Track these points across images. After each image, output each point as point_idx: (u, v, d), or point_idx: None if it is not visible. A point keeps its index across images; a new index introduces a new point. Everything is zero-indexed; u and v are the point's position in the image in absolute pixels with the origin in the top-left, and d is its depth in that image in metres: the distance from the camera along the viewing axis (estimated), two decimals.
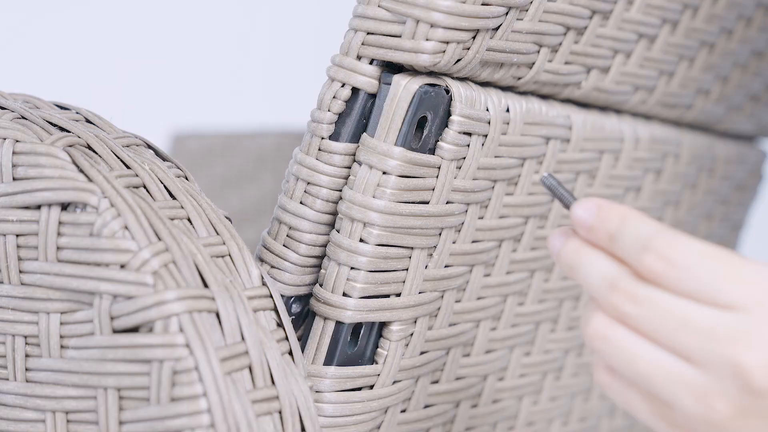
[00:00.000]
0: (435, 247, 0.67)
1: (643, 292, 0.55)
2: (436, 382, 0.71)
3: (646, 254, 0.55)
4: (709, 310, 0.54)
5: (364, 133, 0.64)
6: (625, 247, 0.56)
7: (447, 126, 0.65)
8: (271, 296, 0.62)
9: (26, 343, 0.61)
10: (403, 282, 0.66)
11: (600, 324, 0.56)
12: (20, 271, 0.61)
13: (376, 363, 0.67)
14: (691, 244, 0.55)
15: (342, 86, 0.64)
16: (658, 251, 0.55)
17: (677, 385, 0.54)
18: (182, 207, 0.62)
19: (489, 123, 0.67)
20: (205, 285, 0.59)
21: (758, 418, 0.54)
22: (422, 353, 0.69)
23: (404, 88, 0.63)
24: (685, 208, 0.87)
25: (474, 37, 0.64)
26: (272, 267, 0.66)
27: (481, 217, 0.70)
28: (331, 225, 0.65)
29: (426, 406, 0.71)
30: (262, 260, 0.66)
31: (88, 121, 0.65)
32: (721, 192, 0.91)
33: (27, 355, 0.61)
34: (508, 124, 0.68)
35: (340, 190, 0.65)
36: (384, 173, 0.64)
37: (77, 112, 0.65)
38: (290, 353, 0.62)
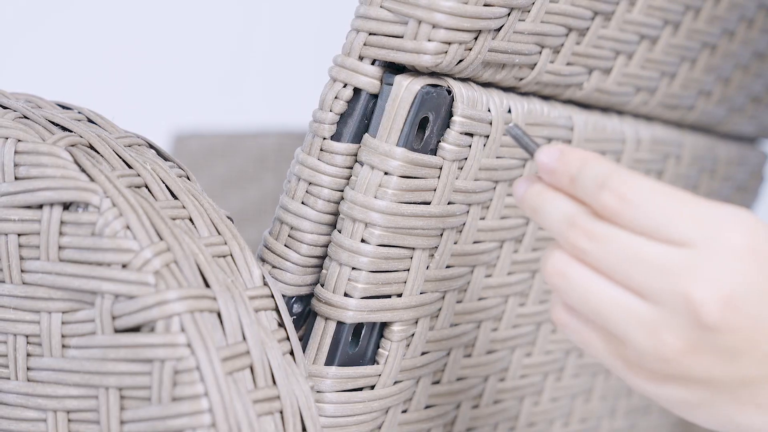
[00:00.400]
0: (436, 247, 0.67)
1: (600, 228, 0.56)
2: (437, 382, 0.71)
3: (603, 192, 0.56)
4: (661, 246, 0.55)
5: (366, 134, 0.64)
6: (585, 187, 0.57)
7: (449, 126, 0.65)
8: (272, 296, 0.62)
9: (28, 343, 0.61)
10: (405, 282, 0.66)
11: (558, 261, 0.57)
12: (22, 271, 0.61)
13: (377, 363, 0.67)
14: (645, 182, 0.56)
15: (344, 86, 0.64)
16: (613, 189, 0.56)
17: (630, 320, 0.55)
18: (184, 207, 0.62)
19: (491, 124, 0.67)
20: (207, 285, 0.59)
21: (708, 353, 0.55)
22: (423, 354, 0.69)
23: (406, 88, 0.63)
24: None
25: (476, 38, 0.64)
26: (274, 267, 0.66)
27: (482, 218, 0.70)
28: (333, 225, 0.65)
29: (427, 407, 0.71)
30: (263, 260, 0.66)
31: (90, 120, 0.65)
32: (723, 193, 0.91)
33: (28, 355, 0.61)
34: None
35: (342, 191, 0.65)
36: (386, 174, 0.64)
37: (79, 112, 0.65)
38: (291, 353, 0.62)
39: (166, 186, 0.62)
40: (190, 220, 0.62)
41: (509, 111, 0.68)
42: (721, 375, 0.56)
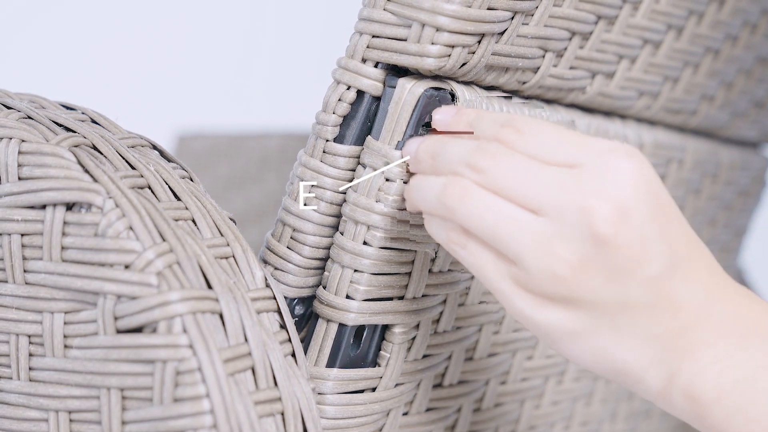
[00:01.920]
0: (438, 250, 0.67)
1: (500, 149, 0.59)
2: (439, 385, 0.71)
3: (502, 128, 0.59)
4: (557, 167, 0.58)
5: (369, 136, 0.64)
6: (483, 129, 0.60)
7: None
8: (274, 298, 0.62)
9: (30, 343, 0.62)
10: (406, 285, 0.66)
11: (458, 186, 0.59)
12: (24, 271, 0.61)
13: (379, 365, 0.67)
14: (540, 120, 0.60)
15: (347, 89, 0.64)
16: (512, 124, 0.59)
17: (525, 235, 0.57)
18: (187, 208, 0.62)
19: None
20: (209, 286, 0.59)
21: (596, 271, 0.57)
22: (425, 356, 0.69)
23: (409, 91, 0.63)
24: (689, 213, 0.87)
25: (479, 42, 0.64)
26: (276, 269, 0.66)
27: None
28: (335, 227, 0.65)
29: (428, 410, 0.71)
30: (265, 262, 0.66)
31: (93, 121, 0.65)
32: (725, 198, 0.91)
33: (30, 355, 0.62)
34: None
35: (344, 193, 0.65)
36: (387, 180, 0.64)
37: (83, 113, 0.66)
38: (293, 355, 0.62)
39: (169, 187, 0.62)
40: (193, 221, 0.62)
41: None
42: (606, 297, 0.57)
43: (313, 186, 0.65)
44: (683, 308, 0.59)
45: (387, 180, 0.64)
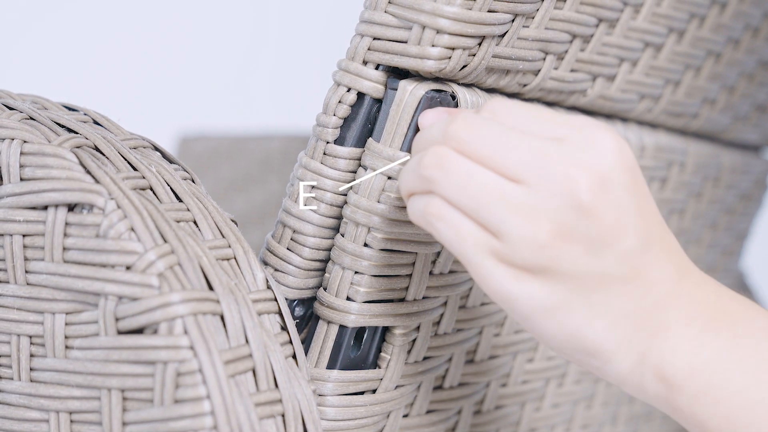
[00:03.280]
0: (439, 252, 0.67)
1: (481, 120, 0.59)
2: (439, 387, 0.72)
3: (481, 110, 0.60)
4: (539, 139, 0.58)
5: (370, 138, 0.65)
6: (465, 113, 0.61)
7: None
8: (275, 299, 0.62)
9: (31, 343, 0.62)
10: (407, 287, 0.66)
11: (438, 154, 0.59)
12: (26, 271, 0.61)
13: (379, 367, 0.67)
14: (521, 101, 0.61)
15: (347, 91, 0.64)
16: (492, 103, 0.60)
17: (508, 205, 0.58)
18: (188, 209, 0.62)
19: None
20: (210, 287, 0.59)
21: (578, 242, 0.57)
22: (425, 358, 0.69)
23: (410, 93, 0.63)
24: (690, 216, 0.87)
25: (480, 44, 0.64)
26: (276, 270, 0.66)
27: None
28: (335, 229, 0.66)
29: (428, 412, 0.71)
30: (265, 263, 0.66)
31: (95, 122, 0.65)
32: (726, 201, 0.91)
33: (32, 355, 0.62)
34: None
35: (345, 195, 0.65)
36: (389, 178, 0.64)
37: (85, 114, 0.66)
38: (294, 356, 0.62)
39: (171, 188, 0.62)
40: (195, 222, 0.62)
41: None
42: (584, 268, 0.58)
43: (313, 187, 0.65)
44: (655, 286, 0.59)
45: (389, 178, 0.64)
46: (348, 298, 0.65)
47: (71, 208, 0.60)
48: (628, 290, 0.59)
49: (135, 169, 0.62)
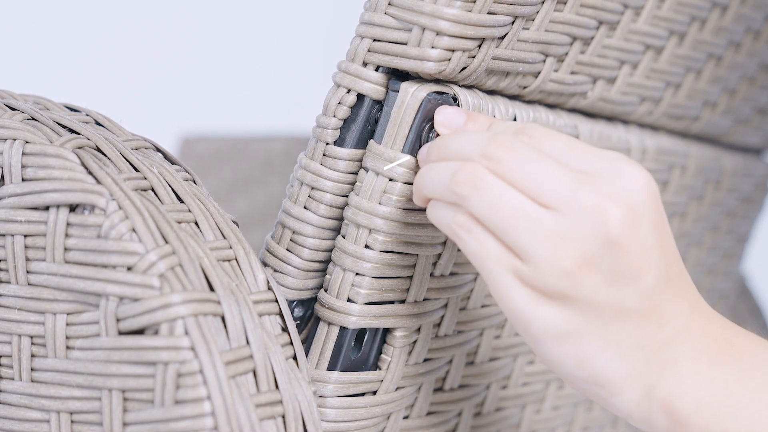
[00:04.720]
0: (440, 254, 0.67)
1: (518, 144, 0.59)
2: (440, 389, 0.72)
3: (518, 135, 0.60)
4: (573, 169, 0.59)
5: (371, 140, 0.65)
6: (500, 130, 0.61)
7: None
8: (276, 301, 0.62)
9: (32, 344, 0.62)
10: (408, 289, 0.66)
11: (472, 172, 0.59)
12: (27, 272, 0.61)
13: (380, 369, 0.67)
14: (555, 130, 0.62)
15: (347, 92, 0.64)
16: (527, 132, 0.60)
17: (537, 230, 0.58)
18: (189, 210, 0.62)
19: None
20: (211, 288, 0.59)
21: (601, 273, 0.58)
22: (426, 360, 0.69)
23: (412, 95, 0.63)
24: (691, 219, 0.87)
25: (480, 46, 0.64)
26: (275, 271, 0.66)
27: None
28: (335, 230, 0.66)
29: (429, 413, 0.71)
30: (265, 264, 0.66)
31: (97, 123, 0.65)
32: (727, 204, 0.91)
33: (33, 356, 0.62)
34: None
35: (344, 196, 0.65)
36: (390, 180, 0.64)
37: (87, 114, 0.66)
38: (294, 358, 0.63)
39: (172, 189, 0.63)
40: (196, 223, 0.62)
41: (515, 119, 0.68)
42: (603, 299, 0.58)
43: (312, 189, 0.65)
44: (669, 323, 0.60)
45: (391, 180, 0.64)
46: (349, 300, 0.65)
47: (73, 208, 0.60)
48: (644, 324, 0.59)
49: (136, 170, 0.62)
